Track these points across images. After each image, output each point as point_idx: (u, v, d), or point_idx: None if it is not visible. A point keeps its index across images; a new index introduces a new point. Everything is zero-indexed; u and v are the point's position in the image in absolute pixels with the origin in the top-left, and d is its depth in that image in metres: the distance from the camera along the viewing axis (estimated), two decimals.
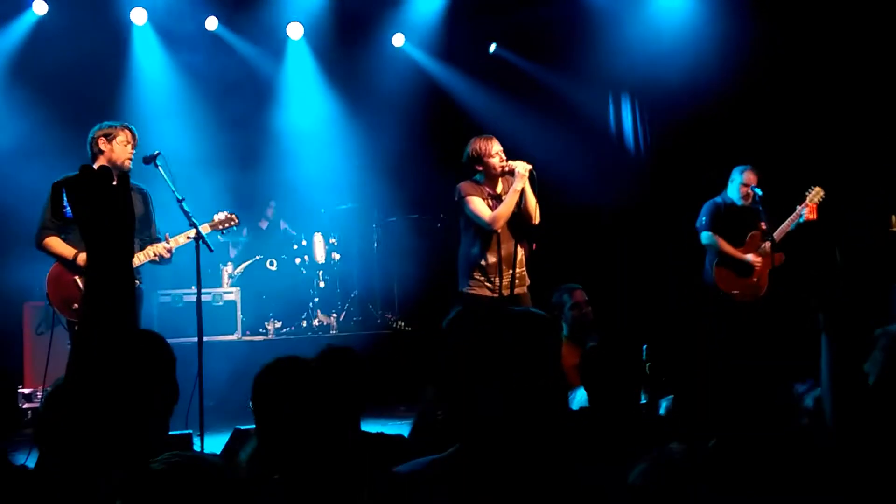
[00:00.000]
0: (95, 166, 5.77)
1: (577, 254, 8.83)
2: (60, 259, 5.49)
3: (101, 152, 5.58)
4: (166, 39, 8.95)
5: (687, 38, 8.56)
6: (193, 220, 5.59)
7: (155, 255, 5.55)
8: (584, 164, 8.93)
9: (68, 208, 1.81)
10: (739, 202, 7.00)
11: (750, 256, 6.93)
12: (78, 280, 5.50)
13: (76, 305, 5.46)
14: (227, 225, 5.96)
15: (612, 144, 9.64)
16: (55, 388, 2.59)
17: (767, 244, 6.88)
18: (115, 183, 1.80)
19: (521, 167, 5.51)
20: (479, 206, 5.58)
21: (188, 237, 5.62)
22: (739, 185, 6.98)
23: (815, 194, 6.87)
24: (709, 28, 8.51)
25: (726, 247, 6.96)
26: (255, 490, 2.18)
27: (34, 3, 8.22)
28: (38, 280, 6.69)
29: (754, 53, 8.22)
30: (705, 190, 7.32)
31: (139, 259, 5.53)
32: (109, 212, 1.76)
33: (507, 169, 5.57)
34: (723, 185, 7.16)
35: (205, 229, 5.78)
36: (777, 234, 6.87)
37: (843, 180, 7.41)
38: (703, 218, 7.05)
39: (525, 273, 5.76)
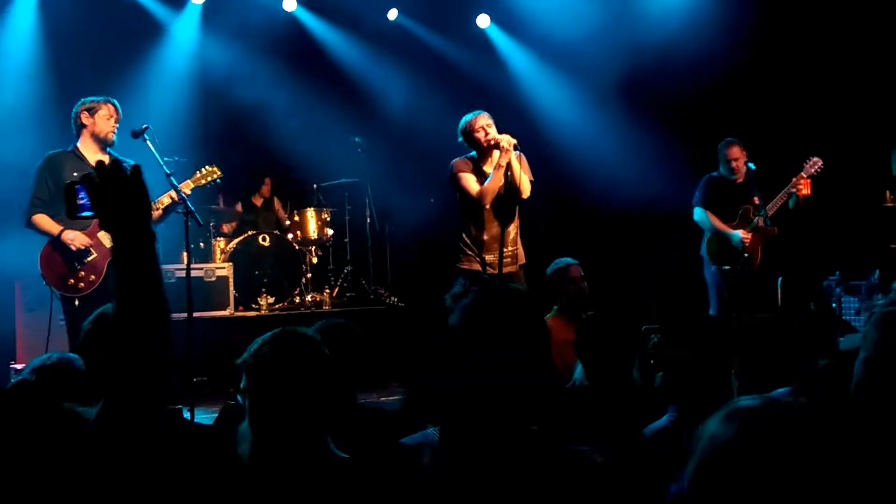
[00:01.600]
0: (80, 141, 5.77)
1: (572, 230, 8.83)
2: (48, 235, 5.49)
3: (84, 126, 5.63)
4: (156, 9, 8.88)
5: (678, 14, 8.52)
6: (181, 193, 5.58)
7: None
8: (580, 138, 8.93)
9: (85, 202, 1.84)
10: (731, 177, 7.00)
11: (740, 232, 6.93)
12: (69, 255, 5.49)
13: (71, 280, 5.47)
14: (209, 178, 5.90)
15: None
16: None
17: (760, 219, 6.88)
18: (128, 175, 1.80)
19: (505, 141, 5.49)
20: (468, 181, 5.61)
21: (171, 197, 5.59)
22: (725, 159, 7.00)
23: (813, 164, 6.85)
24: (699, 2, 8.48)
25: (717, 222, 6.99)
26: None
27: None
28: (29, 257, 6.69)
29: (748, 27, 8.18)
30: (700, 164, 7.32)
31: None
32: (129, 203, 1.78)
33: (492, 143, 5.56)
34: (715, 160, 7.16)
35: (188, 186, 5.74)
36: (769, 208, 6.86)
37: (837, 157, 7.40)
38: (697, 193, 7.10)
39: (517, 251, 5.76)
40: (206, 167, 5.94)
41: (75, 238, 5.46)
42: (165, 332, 1.76)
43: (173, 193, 5.57)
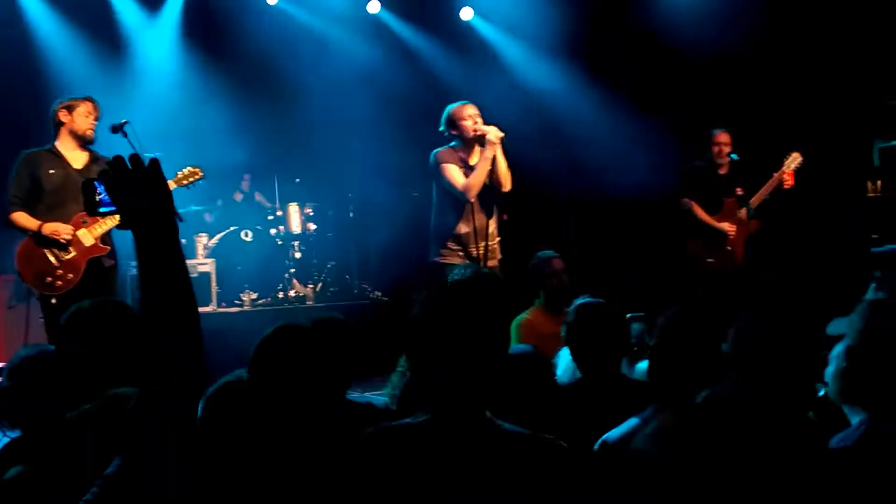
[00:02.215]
0: (58, 140, 5.71)
1: (551, 223, 8.82)
2: (27, 232, 5.43)
3: (63, 124, 5.59)
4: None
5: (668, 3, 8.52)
6: None
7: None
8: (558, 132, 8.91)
9: (104, 197, 1.83)
10: (716, 166, 6.98)
11: (724, 225, 6.92)
12: (47, 253, 5.43)
13: (49, 279, 5.41)
14: (191, 179, 5.89)
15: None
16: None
17: (743, 211, 6.87)
18: (147, 168, 1.78)
19: (493, 134, 5.40)
20: (454, 173, 5.50)
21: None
22: (712, 145, 6.98)
23: (793, 160, 6.86)
24: None
25: (702, 214, 6.95)
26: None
27: None
28: (9, 255, 6.61)
29: (734, 18, 8.18)
30: (684, 155, 7.33)
31: (107, 224, 5.48)
32: (148, 197, 1.75)
33: (478, 133, 5.47)
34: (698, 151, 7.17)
35: (171, 185, 5.70)
36: (753, 201, 6.86)
37: (820, 147, 7.42)
38: (682, 184, 7.06)
39: (497, 246, 5.69)
40: (188, 168, 5.90)
41: (58, 228, 5.39)
42: (194, 326, 1.73)
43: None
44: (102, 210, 1.89)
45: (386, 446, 1.97)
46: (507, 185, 5.56)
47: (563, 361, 3.66)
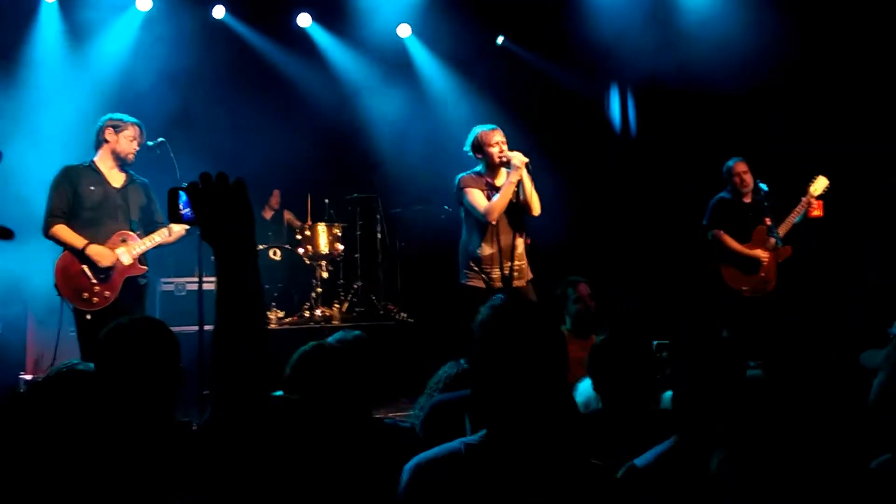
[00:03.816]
0: (98, 154, 5.79)
1: (580, 247, 8.82)
2: (69, 248, 5.50)
3: (107, 142, 5.67)
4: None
5: (684, 24, 8.52)
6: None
7: (159, 238, 5.63)
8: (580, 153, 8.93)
9: (186, 211, 1.83)
10: (741, 192, 6.97)
11: (758, 252, 6.90)
12: (86, 269, 5.50)
13: (86, 294, 5.48)
14: None
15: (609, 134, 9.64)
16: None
17: (772, 239, 6.85)
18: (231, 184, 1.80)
19: (518, 159, 5.53)
20: (476, 197, 5.61)
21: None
22: (732, 174, 6.98)
23: (819, 184, 6.85)
24: (708, 14, 8.46)
25: (733, 243, 6.93)
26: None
27: None
28: (41, 268, 6.69)
29: (755, 41, 8.16)
30: (705, 183, 7.31)
31: (145, 245, 5.58)
32: (231, 216, 1.77)
33: (504, 159, 5.59)
34: (720, 177, 7.15)
35: None
36: (781, 229, 6.84)
37: (850, 171, 7.37)
38: (711, 215, 7.05)
39: (525, 266, 5.75)
40: None
41: (102, 256, 5.47)
42: (263, 345, 1.75)
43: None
44: (186, 218, 1.90)
45: (443, 471, 1.97)
46: (536, 209, 5.63)
47: (583, 390, 3.65)
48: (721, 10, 8.44)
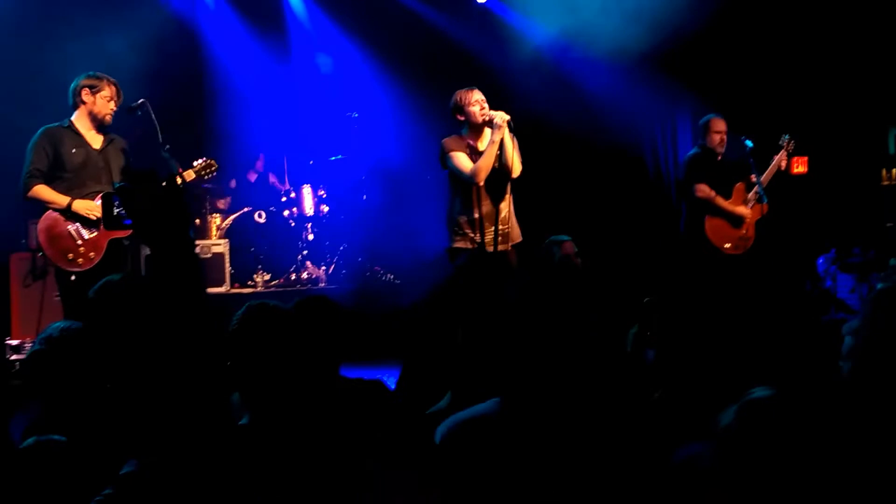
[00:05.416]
0: (75, 115, 5.70)
1: (562, 205, 8.82)
2: (53, 207, 5.45)
3: (84, 103, 5.56)
4: None
5: None
6: (184, 180, 5.63)
7: None
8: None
9: (121, 214, 1.83)
10: (714, 150, 6.93)
11: (741, 209, 6.90)
12: (71, 230, 5.45)
13: (71, 255, 5.44)
14: (208, 171, 5.96)
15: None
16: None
17: (752, 195, 6.84)
18: (164, 184, 1.80)
19: (499, 117, 5.44)
20: (461, 160, 5.55)
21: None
22: (711, 131, 6.92)
23: (788, 143, 6.88)
24: None
25: (719, 200, 6.89)
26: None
27: None
28: (23, 231, 6.64)
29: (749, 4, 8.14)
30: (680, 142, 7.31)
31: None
32: (165, 213, 1.78)
33: (486, 118, 5.52)
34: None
35: (189, 175, 5.85)
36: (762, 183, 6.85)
37: (835, 134, 7.40)
38: (691, 172, 6.97)
39: (511, 229, 5.69)
40: (203, 160, 5.97)
41: (90, 209, 5.39)
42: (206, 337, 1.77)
43: (177, 179, 5.60)
44: (126, 223, 1.90)
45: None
46: (516, 171, 5.57)
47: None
48: None
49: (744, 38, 8.23)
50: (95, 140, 5.62)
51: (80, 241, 5.45)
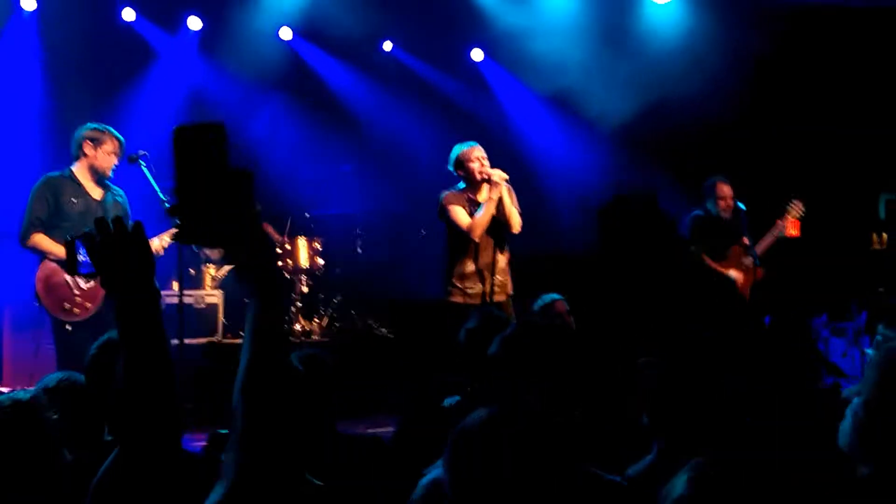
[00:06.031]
0: (76, 166, 5.73)
1: (559, 266, 8.85)
2: (51, 257, 5.46)
3: (85, 156, 5.60)
4: None
5: (675, 53, 8.61)
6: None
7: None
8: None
9: (86, 259, 1.81)
10: (718, 215, 6.99)
11: (733, 272, 6.94)
12: (68, 279, 5.47)
13: (67, 305, 5.45)
14: None
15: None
16: None
17: (749, 259, 6.88)
18: (130, 231, 1.78)
19: (497, 175, 5.60)
20: (458, 214, 5.69)
21: (171, 235, 5.64)
22: (716, 198, 6.98)
23: (795, 208, 6.88)
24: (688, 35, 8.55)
25: (708, 262, 6.95)
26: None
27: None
28: (20, 279, 6.63)
29: (739, 69, 8.27)
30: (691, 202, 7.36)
31: None
32: (129, 262, 1.74)
33: (485, 176, 5.67)
34: (697, 195, 7.20)
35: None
36: (758, 249, 6.88)
37: (826, 198, 7.47)
38: (686, 231, 7.05)
39: (506, 281, 5.84)
40: None
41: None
42: (171, 392, 1.74)
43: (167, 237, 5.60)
44: (83, 272, 1.87)
45: None
46: (516, 226, 5.72)
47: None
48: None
49: (739, 102, 8.34)
50: (95, 190, 5.67)
51: (76, 291, 5.47)
